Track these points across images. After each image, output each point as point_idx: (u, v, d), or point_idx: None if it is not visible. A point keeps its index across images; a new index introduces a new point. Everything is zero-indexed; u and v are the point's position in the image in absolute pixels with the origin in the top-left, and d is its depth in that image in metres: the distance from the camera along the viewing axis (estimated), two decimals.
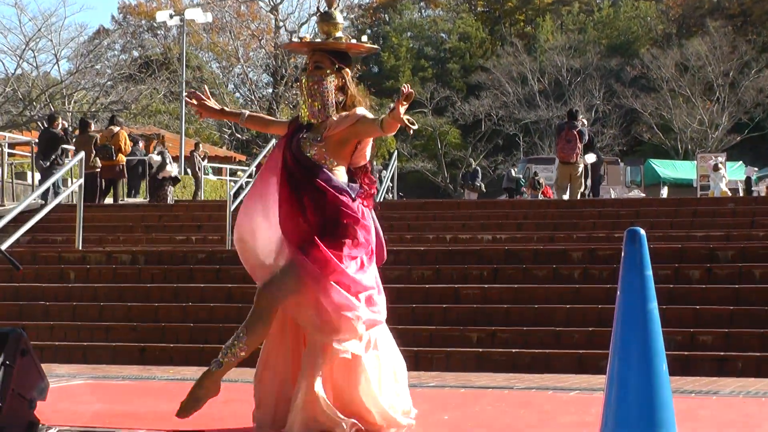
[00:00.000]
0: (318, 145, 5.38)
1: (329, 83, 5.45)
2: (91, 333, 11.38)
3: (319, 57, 5.49)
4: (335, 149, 5.41)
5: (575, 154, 19.71)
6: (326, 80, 5.45)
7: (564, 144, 19.89)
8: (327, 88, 5.44)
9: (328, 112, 5.44)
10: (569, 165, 19.86)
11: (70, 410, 6.08)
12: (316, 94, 5.44)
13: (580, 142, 19.72)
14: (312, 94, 5.45)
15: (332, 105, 5.45)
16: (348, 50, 5.59)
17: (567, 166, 19.92)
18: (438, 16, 75.17)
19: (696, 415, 5.97)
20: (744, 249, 11.84)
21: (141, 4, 66.87)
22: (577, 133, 19.85)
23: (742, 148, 53.12)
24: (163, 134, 35.21)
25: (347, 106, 5.49)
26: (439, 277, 11.77)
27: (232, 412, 6.07)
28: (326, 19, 5.54)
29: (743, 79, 55.05)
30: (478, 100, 59.29)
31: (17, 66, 45.05)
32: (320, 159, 5.37)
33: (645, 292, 4.25)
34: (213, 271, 12.43)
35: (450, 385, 7.91)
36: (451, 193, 56.91)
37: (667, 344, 4.40)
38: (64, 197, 17.78)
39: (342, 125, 5.37)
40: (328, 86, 5.45)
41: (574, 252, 12.06)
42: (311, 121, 5.46)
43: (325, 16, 5.55)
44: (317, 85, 5.44)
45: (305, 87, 5.49)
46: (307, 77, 5.49)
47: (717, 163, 32.98)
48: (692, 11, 67.17)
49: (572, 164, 19.82)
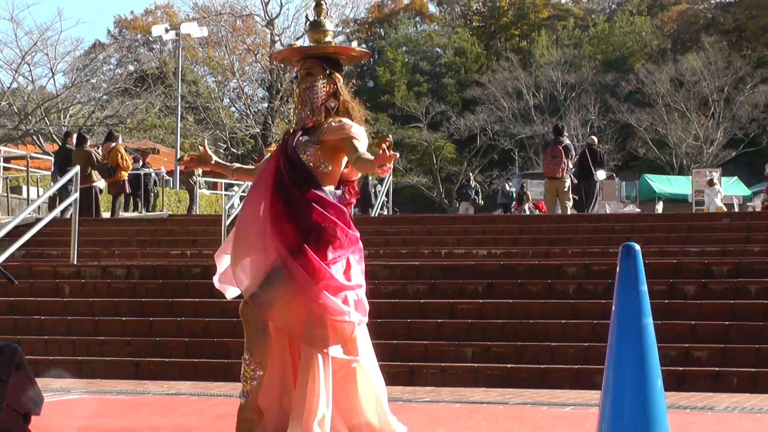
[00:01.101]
0: (314, 147, 5.36)
1: (320, 89, 5.44)
2: (86, 347, 11.36)
3: (310, 64, 5.48)
4: (330, 153, 5.38)
5: (561, 170, 19.95)
6: (317, 85, 5.44)
7: (549, 160, 20.12)
8: (317, 94, 5.44)
9: (316, 116, 5.43)
10: (556, 180, 20.09)
11: (64, 424, 6.07)
12: (307, 100, 5.43)
13: (565, 157, 19.91)
14: (303, 100, 5.44)
15: (321, 109, 5.44)
16: (339, 55, 5.58)
17: (553, 182, 20.16)
18: (433, 30, 75.30)
19: (690, 430, 5.97)
20: (739, 264, 11.84)
21: (137, 18, 67.06)
22: (562, 148, 20.06)
23: (737, 164, 53.22)
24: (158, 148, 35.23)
25: (340, 112, 5.49)
26: (434, 292, 11.77)
27: (227, 425, 6.05)
28: (315, 27, 5.55)
29: (738, 94, 55.18)
30: (473, 114, 59.40)
31: (13, 80, 45.09)
32: (316, 161, 5.35)
33: (640, 307, 4.25)
34: (208, 285, 12.37)
35: (445, 400, 7.91)
36: (446, 207, 56.95)
37: (662, 359, 4.40)
38: (58, 212, 17.74)
39: (336, 135, 5.35)
40: (318, 92, 5.44)
41: (569, 267, 12.06)
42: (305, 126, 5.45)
43: (315, 24, 5.56)
44: (309, 91, 5.43)
45: (296, 94, 5.50)
46: (298, 84, 5.49)
47: (712, 179, 33.02)
48: (687, 27, 67.38)
49: (558, 179, 20.06)
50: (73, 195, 15.59)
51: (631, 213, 26.88)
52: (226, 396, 8.08)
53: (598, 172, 21.14)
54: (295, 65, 5.69)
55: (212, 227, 17.00)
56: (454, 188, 49.63)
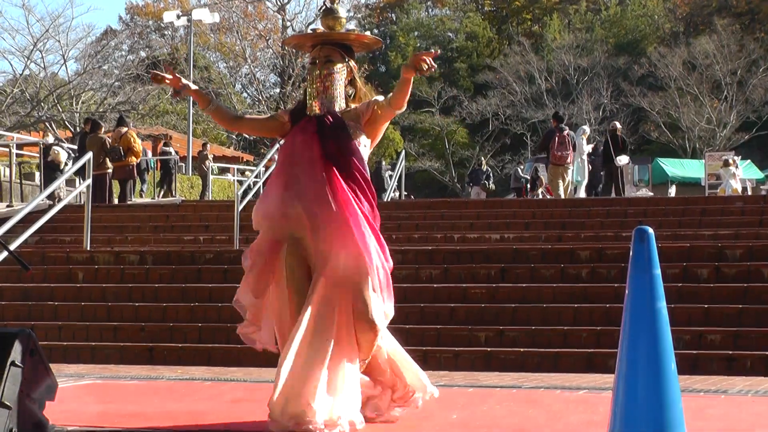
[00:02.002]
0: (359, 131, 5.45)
1: (341, 75, 5.49)
2: (99, 333, 11.41)
3: (328, 50, 5.49)
4: (369, 133, 5.50)
5: (568, 156, 21.01)
6: (339, 72, 5.48)
7: (558, 147, 20.84)
8: (339, 80, 5.47)
9: (341, 102, 5.47)
10: (561, 167, 21.03)
11: (78, 410, 6.09)
12: (329, 86, 5.45)
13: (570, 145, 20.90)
14: (325, 86, 5.45)
15: (343, 96, 5.49)
16: (354, 42, 5.62)
17: (559, 167, 21.06)
18: (445, 15, 75.15)
19: (704, 414, 5.96)
20: (752, 247, 11.82)
21: (148, 4, 66.96)
22: (567, 135, 20.97)
23: (750, 147, 53.00)
24: (170, 134, 35.29)
25: (357, 99, 5.56)
26: (447, 277, 11.77)
27: (241, 410, 6.07)
28: (330, 14, 5.59)
29: (751, 77, 54.95)
30: (485, 99, 59.28)
31: (25, 67, 45.10)
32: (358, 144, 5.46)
33: (653, 291, 4.23)
34: (221, 271, 12.45)
35: (458, 384, 7.91)
36: (458, 192, 56.89)
37: (676, 343, 4.38)
38: (72, 198, 17.79)
39: (369, 110, 5.44)
40: (339, 78, 5.48)
41: (582, 251, 12.05)
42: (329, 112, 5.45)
43: (329, 11, 5.60)
44: (330, 77, 5.46)
45: (316, 79, 5.48)
46: (319, 69, 5.48)
47: (727, 159, 32.64)
48: (699, 9, 67.08)
49: (564, 165, 21.03)
50: (86, 181, 15.61)
51: (644, 197, 26.82)
52: (240, 381, 8.09)
53: (618, 158, 22.15)
54: (307, 50, 5.70)
55: (225, 213, 17.02)
56: (466, 173, 49.60)
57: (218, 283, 12.09)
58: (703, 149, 50.99)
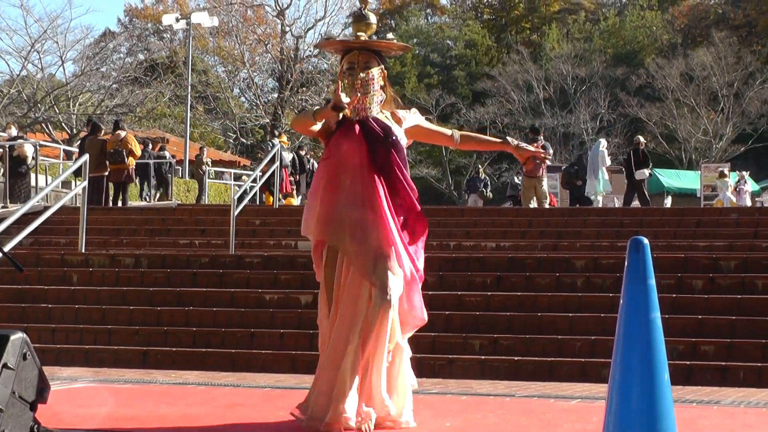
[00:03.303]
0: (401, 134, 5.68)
1: (378, 81, 5.64)
2: (93, 336, 11.38)
3: (367, 57, 5.62)
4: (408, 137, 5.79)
5: (541, 169, 21.03)
6: (377, 78, 5.62)
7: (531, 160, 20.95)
8: (375, 86, 5.61)
9: (378, 108, 5.63)
10: (534, 179, 21.06)
11: (71, 413, 6.08)
12: (369, 91, 5.57)
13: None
14: (366, 91, 5.56)
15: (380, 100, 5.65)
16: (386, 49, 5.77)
17: (532, 180, 21.10)
18: (444, 23, 75.19)
19: (697, 424, 5.96)
20: (747, 259, 11.83)
21: (147, 7, 67.00)
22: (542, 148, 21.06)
23: (745, 159, 53.06)
24: (167, 137, 35.31)
25: (386, 103, 5.72)
26: (443, 284, 11.77)
27: (234, 415, 6.07)
28: (362, 19, 5.72)
29: (748, 89, 55.04)
30: (483, 107, 59.29)
31: (22, 67, 45.14)
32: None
33: (648, 301, 4.24)
34: (216, 275, 12.43)
35: (452, 392, 7.91)
36: (455, 200, 56.90)
37: (669, 353, 4.40)
38: (68, 200, 17.77)
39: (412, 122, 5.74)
40: (376, 84, 5.62)
41: (577, 260, 12.06)
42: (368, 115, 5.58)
43: (361, 17, 5.73)
44: (371, 83, 5.58)
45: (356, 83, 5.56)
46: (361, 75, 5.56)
47: (723, 170, 32.76)
48: (697, 22, 67.19)
49: (537, 178, 21.04)
50: (82, 183, 15.58)
51: (640, 207, 26.84)
52: (234, 386, 8.09)
53: (638, 171, 23.63)
54: (336, 54, 5.88)
55: (221, 217, 17.02)
56: (463, 180, 49.59)
57: (213, 287, 12.06)
58: (699, 160, 51.02)
